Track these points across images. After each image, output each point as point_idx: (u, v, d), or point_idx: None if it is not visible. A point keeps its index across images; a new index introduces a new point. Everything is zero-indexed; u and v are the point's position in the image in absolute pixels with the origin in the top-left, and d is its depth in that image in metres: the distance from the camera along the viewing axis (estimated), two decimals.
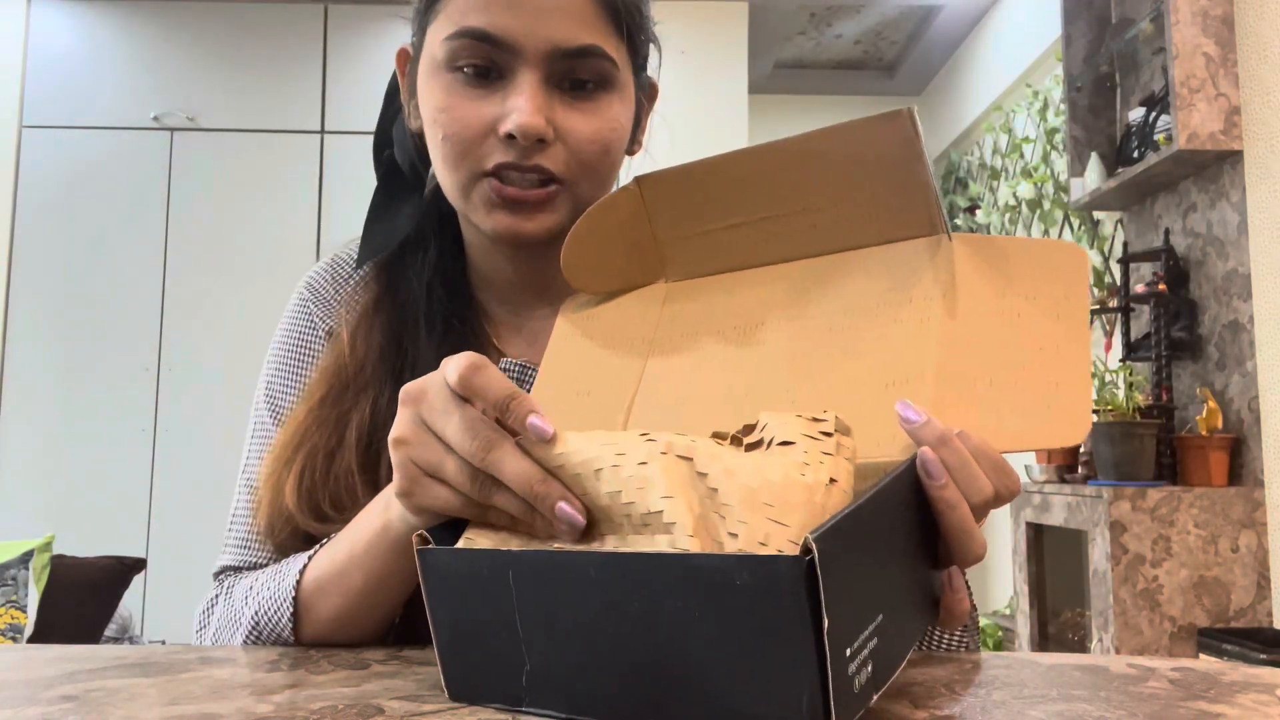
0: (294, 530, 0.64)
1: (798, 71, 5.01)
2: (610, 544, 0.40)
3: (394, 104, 0.76)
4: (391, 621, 0.59)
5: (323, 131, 3.68)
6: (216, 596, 0.66)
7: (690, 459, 0.39)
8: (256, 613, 0.59)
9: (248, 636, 0.59)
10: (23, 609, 2.18)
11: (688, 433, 0.42)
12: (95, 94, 3.66)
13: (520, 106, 0.61)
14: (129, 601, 2.48)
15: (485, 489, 0.44)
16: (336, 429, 0.65)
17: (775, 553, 0.31)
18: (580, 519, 0.41)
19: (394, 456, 0.47)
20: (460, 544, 0.44)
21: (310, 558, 0.59)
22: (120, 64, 3.69)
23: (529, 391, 0.62)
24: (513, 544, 0.43)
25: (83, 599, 2.29)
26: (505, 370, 0.69)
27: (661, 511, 0.38)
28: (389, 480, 0.61)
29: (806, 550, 0.31)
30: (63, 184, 3.61)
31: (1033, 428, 0.40)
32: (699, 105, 3.68)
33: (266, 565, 0.67)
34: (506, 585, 0.38)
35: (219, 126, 3.67)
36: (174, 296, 3.59)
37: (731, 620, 0.32)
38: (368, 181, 0.78)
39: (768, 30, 4.36)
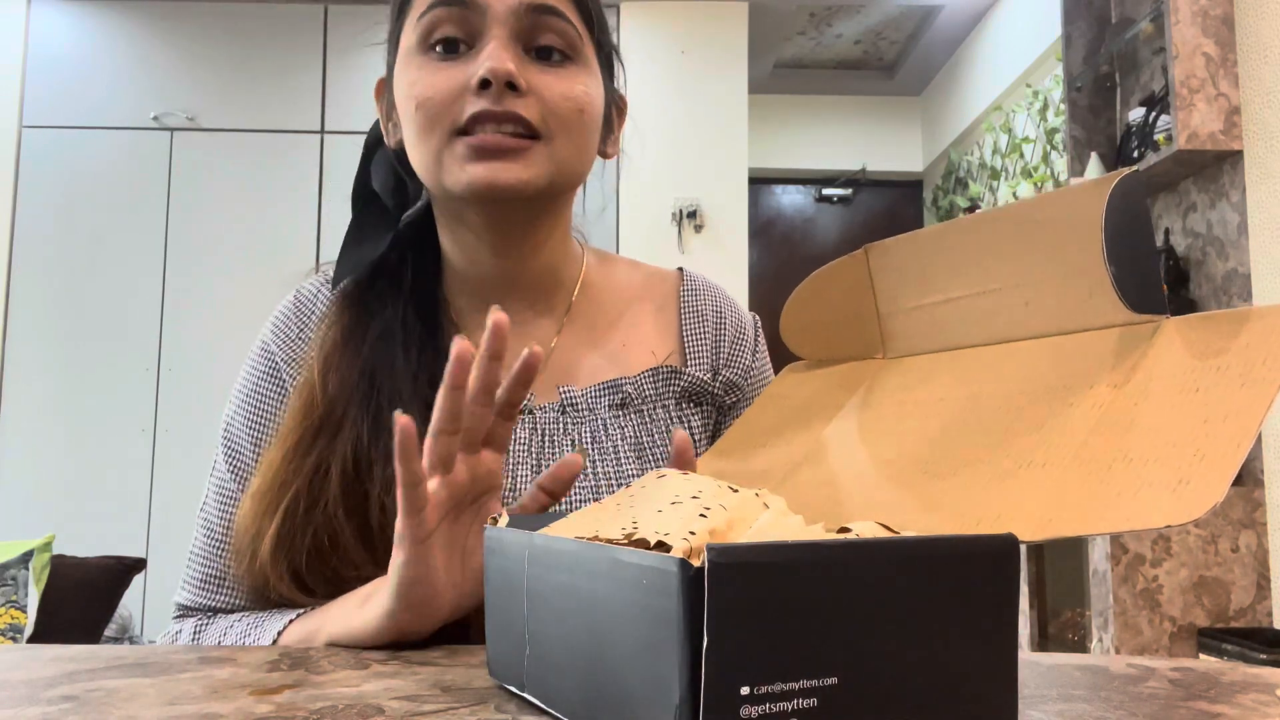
0: (266, 581, 0.63)
1: (798, 71, 5.01)
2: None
3: (372, 154, 0.78)
4: None
5: (323, 131, 3.68)
6: (193, 638, 0.66)
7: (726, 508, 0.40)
8: None
9: None
10: (23, 609, 2.18)
11: (837, 504, 0.45)
12: (95, 94, 3.66)
13: (491, 55, 0.62)
14: (129, 601, 2.48)
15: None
16: (317, 473, 0.63)
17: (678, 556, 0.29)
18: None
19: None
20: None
21: (280, 632, 0.59)
22: (120, 64, 3.69)
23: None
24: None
25: (83, 599, 2.29)
26: None
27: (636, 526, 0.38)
28: (378, 520, 0.61)
29: (696, 558, 0.28)
30: (63, 184, 3.61)
31: (1146, 507, 0.37)
32: (699, 105, 3.68)
33: (228, 610, 0.68)
34: (522, 566, 0.39)
35: (219, 126, 3.67)
36: (174, 296, 3.59)
37: (642, 618, 0.31)
38: None
39: (768, 30, 4.36)
